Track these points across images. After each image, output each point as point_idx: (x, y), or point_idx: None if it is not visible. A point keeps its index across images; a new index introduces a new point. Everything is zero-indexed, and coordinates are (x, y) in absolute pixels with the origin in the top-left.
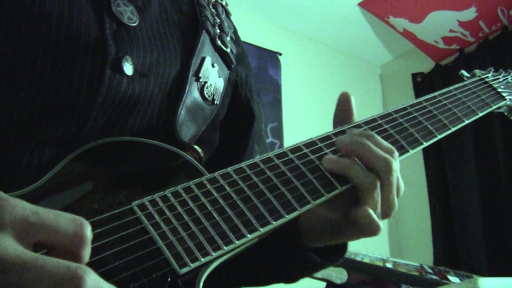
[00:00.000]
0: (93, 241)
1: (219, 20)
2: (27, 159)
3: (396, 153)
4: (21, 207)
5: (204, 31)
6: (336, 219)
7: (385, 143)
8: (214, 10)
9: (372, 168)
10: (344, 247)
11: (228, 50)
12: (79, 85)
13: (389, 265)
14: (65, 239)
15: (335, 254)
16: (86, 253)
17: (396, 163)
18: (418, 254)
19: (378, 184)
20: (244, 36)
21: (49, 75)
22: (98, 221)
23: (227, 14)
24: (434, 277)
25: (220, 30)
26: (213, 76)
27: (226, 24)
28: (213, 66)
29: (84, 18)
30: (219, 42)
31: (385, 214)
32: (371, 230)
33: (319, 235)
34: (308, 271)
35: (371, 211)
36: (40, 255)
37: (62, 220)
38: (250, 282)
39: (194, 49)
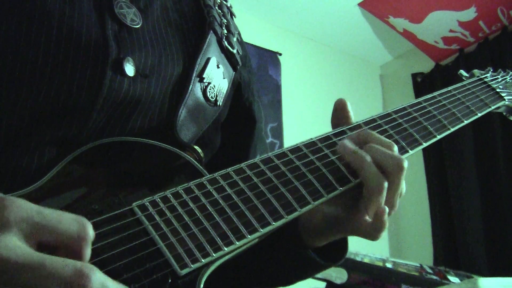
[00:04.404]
0: (93, 242)
1: (225, 21)
2: (27, 160)
3: (396, 147)
4: (26, 207)
5: (211, 31)
6: (337, 213)
7: (384, 139)
8: (220, 11)
9: (383, 167)
10: (344, 247)
11: (235, 51)
12: (79, 86)
13: (389, 265)
14: (68, 238)
15: (335, 255)
16: (88, 251)
17: (406, 163)
18: (418, 254)
19: (386, 186)
20: (244, 36)
21: (50, 75)
22: (98, 222)
23: (232, 15)
24: (434, 277)
25: (227, 31)
26: (218, 77)
27: (232, 25)
28: (218, 67)
29: (85, 19)
30: (226, 43)
31: None
32: (374, 234)
33: (318, 230)
34: (308, 272)
35: (385, 217)
36: (46, 255)
37: (65, 219)
38: (251, 284)
39: (199, 49)
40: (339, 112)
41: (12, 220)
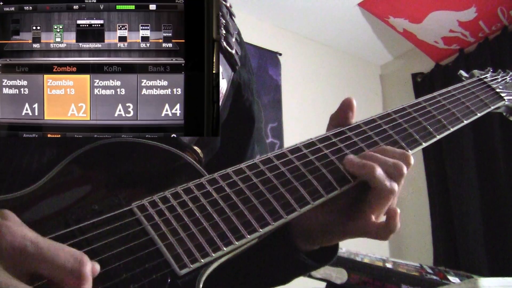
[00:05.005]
0: (93, 242)
1: (224, 21)
2: (27, 160)
3: (411, 159)
4: (21, 236)
5: None
6: (330, 220)
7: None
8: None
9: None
10: (335, 246)
11: (233, 51)
12: None
13: (389, 265)
14: (62, 274)
15: (326, 255)
16: None
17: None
18: (418, 254)
19: (397, 190)
20: (244, 36)
21: None
22: (98, 222)
23: (231, 15)
24: (434, 277)
25: (225, 31)
26: None
27: (231, 25)
28: None
29: None
30: (224, 44)
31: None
32: (385, 235)
33: (312, 236)
34: (300, 272)
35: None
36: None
37: (62, 254)
38: (243, 284)
39: None
40: (345, 111)
41: (2, 247)
